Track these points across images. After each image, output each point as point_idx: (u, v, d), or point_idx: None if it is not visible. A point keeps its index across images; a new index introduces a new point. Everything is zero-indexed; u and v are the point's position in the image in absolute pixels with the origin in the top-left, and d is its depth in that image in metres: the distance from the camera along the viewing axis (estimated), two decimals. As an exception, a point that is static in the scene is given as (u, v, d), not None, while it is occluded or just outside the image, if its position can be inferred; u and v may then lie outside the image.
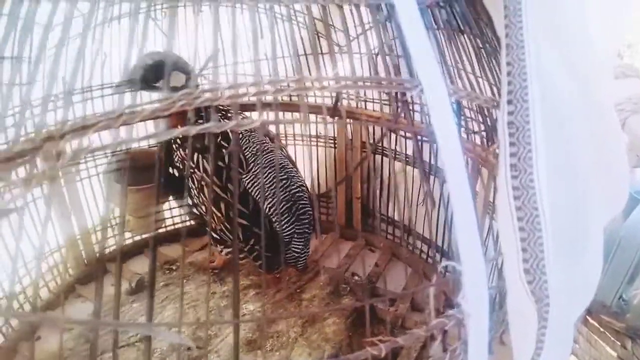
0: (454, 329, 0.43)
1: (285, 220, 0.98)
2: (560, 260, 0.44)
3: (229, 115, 0.95)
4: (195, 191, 0.95)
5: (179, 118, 0.80)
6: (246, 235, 0.93)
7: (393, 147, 1.11)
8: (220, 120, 0.34)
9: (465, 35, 0.46)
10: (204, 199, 0.93)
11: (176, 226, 1.24)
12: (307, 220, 1.01)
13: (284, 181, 0.99)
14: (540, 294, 0.41)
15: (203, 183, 0.92)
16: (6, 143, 0.47)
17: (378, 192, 1.21)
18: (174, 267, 1.12)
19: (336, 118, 0.91)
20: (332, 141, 1.25)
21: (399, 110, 0.40)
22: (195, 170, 0.93)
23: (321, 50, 0.95)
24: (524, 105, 0.42)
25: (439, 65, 0.39)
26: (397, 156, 1.12)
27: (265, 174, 0.97)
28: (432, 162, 0.86)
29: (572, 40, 0.50)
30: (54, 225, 1.02)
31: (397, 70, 0.38)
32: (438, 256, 1.08)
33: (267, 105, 0.44)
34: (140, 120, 0.32)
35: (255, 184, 0.94)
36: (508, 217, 0.42)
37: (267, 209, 0.96)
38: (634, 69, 1.72)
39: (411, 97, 0.37)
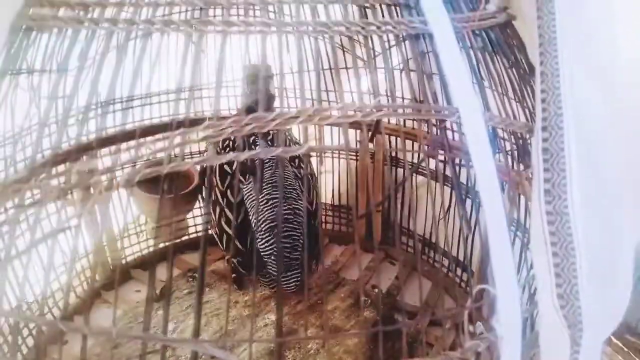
0: (487, 351, 0.43)
1: (265, 239, 0.97)
2: (593, 286, 0.44)
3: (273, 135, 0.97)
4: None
5: None
6: (229, 245, 0.95)
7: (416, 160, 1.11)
8: (267, 145, 0.35)
9: (499, 62, 0.47)
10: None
11: (199, 234, 1.26)
12: (289, 244, 0.97)
13: (275, 201, 0.98)
14: (573, 319, 0.41)
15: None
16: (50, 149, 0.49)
17: (399, 205, 1.21)
18: (197, 275, 1.13)
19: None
20: (354, 153, 1.27)
21: (438, 136, 0.41)
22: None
23: (346, 65, 0.97)
24: (559, 132, 0.43)
25: (475, 93, 0.40)
26: (420, 169, 1.13)
27: (261, 190, 0.97)
28: (468, 184, 0.87)
29: (606, 65, 0.51)
30: (82, 232, 1.05)
31: (435, 97, 0.40)
32: (459, 270, 1.08)
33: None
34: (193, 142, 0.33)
35: (250, 197, 0.96)
36: (542, 242, 0.43)
37: (254, 225, 0.96)
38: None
39: (450, 123, 0.38)
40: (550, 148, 0.43)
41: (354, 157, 1.26)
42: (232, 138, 0.39)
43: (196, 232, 1.26)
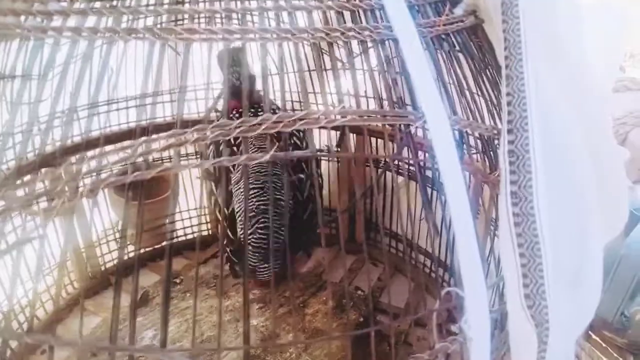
0: (457, 350, 0.44)
1: (243, 229, 0.97)
2: (560, 286, 0.45)
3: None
4: None
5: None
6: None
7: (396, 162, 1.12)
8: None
9: (470, 65, 0.48)
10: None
11: (179, 239, 1.26)
12: (265, 236, 0.98)
13: (256, 191, 0.98)
14: (540, 318, 0.42)
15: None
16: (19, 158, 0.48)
17: (381, 206, 1.22)
18: (177, 281, 1.13)
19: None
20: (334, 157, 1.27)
21: (403, 141, 0.41)
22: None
23: (324, 67, 0.97)
24: (524, 135, 0.44)
25: (441, 98, 0.40)
26: (399, 171, 1.14)
27: (243, 180, 0.97)
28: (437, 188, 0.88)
29: (571, 66, 0.52)
30: (58, 239, 1.04)
31: (402, 103, 0.40)
32: (441, 271, 1.09)
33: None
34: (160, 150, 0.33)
35: (236, 186, 0.96)
36: (509, 243, 0.43)
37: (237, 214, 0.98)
38: (637, 82, 1.73)
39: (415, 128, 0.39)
40: (516, 150, 0.44)
41: (335, 160, 1.26)
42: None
43: (177, 237, 1.25)
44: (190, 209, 1.26)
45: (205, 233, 1.28)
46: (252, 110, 1.01)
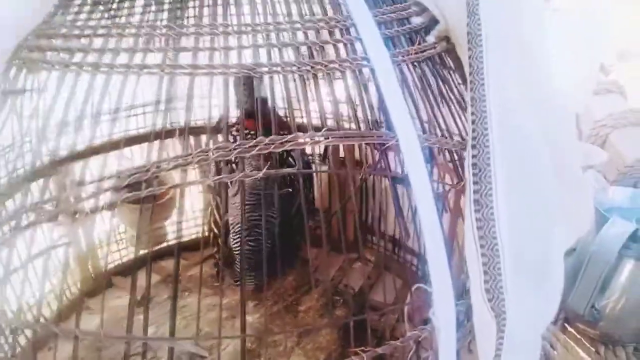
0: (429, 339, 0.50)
1: (235, 240, 1.08)
2: (522, 282, 0.51)
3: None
4: None
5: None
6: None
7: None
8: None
9: (437, 87, 0.54)
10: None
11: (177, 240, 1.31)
12: (252, 248, 1.05)
13: (248, 207, 1.05)
14: (498, 310, 0.48)
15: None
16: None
17: (371, 207, 1.28)
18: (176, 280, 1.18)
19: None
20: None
21: (378, 158, 0.48)
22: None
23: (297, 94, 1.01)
24: (486, 150, 0.50)
25: (412, 120, 0.46)
26: (386, 175, 1.20)
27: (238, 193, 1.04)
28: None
29: (537, 83, 0.58)
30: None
31: (377, 125, 0.46)
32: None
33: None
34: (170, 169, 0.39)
35: (230, 200, 1.03)
36: (472, 245, 0.50)
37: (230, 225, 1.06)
38: (618, 85, 1.80)
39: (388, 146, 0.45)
40: (479, 163, 0.50)
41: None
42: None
43: (175, 238, 1.31)
44: (190, 214, 1.32)
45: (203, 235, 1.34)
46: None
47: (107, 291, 1.16)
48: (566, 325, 1.07)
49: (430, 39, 0.55)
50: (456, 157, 0.53)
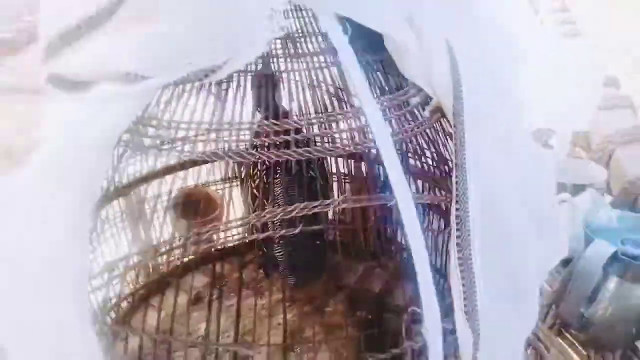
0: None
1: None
2: (494, 306, 0.67)
3: None
4: None
5: None
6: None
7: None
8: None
9: (431, 154, 0.69)
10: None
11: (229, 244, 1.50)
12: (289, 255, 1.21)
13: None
14: (475, 328, 0.64)
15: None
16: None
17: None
18: (224, 283, 1.38)
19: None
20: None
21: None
22: None
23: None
24: (466, 204, 0.65)
25: (409, 185, 0.62)
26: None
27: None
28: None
29: (513, 141, 0.73)
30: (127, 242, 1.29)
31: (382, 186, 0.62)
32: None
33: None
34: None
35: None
36: (455, 278, 0.65)
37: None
38: (628, 100, 1.87)
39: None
40: (460, 214, 0.66)
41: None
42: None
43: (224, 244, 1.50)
44: (233, 220, 1.50)
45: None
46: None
47: (166, 290, 1.37)
48: (562, 330, 1.21)
49: (426, 113, 0.71)
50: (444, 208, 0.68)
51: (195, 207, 1.25)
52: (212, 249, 1.47)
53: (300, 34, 0.66)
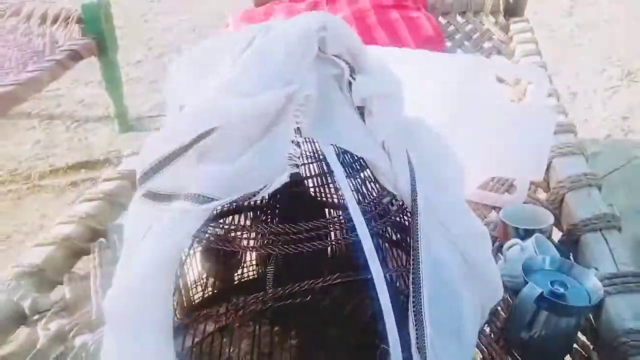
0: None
1: None
2: (439, 342, 0.99)
3: None
4: None
5: None
6: None
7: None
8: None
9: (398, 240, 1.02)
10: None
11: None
12: None
13: None
14: (424, 357, 0.96)
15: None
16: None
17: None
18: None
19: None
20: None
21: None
22: None
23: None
24: (419, 273, 0.98)
25: (382, 267, 0.94)
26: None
27: None
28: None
29: (456, 218, 1.06)
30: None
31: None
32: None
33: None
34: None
35: None
36: (411, 323, 0.97)
37: None
38: (581, 148, 2.16)
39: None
40: (415, 279, 0.98)
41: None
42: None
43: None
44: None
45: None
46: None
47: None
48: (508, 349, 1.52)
49: (394, 208, 1.03)
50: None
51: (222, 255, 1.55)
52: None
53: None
